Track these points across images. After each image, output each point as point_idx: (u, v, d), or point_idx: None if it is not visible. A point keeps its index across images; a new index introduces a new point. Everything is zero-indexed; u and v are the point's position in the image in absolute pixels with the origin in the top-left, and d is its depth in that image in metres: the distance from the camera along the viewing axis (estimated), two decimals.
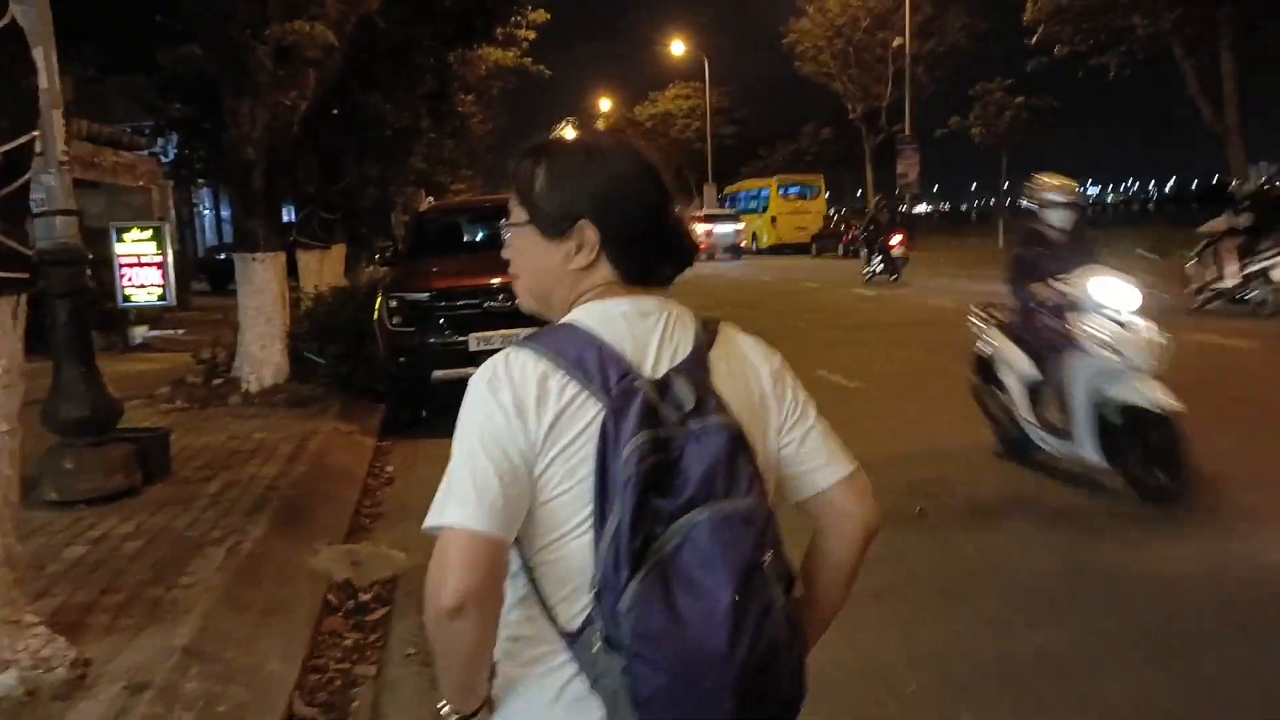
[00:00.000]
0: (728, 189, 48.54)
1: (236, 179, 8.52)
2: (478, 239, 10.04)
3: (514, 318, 7.80)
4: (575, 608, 1.24)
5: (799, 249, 38.50)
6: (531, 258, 1.39)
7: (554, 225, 1.34)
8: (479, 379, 1.28)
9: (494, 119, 40.98)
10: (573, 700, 1.24)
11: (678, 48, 54.51)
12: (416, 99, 15.79)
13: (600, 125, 69.95)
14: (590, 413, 1.22)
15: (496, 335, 7.56)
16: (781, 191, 40.87)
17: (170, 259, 12.38)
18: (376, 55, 12.35)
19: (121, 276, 12.66)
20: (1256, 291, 12.06)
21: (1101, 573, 4.37)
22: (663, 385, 1.23)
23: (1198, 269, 12.95)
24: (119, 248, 12.59)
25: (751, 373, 1.36)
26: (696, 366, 1.28)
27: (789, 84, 52.53)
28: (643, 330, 1.30)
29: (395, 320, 7.74)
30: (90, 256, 5.91)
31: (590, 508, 1.21)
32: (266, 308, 8.66)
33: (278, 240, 8.81)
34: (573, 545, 1.23)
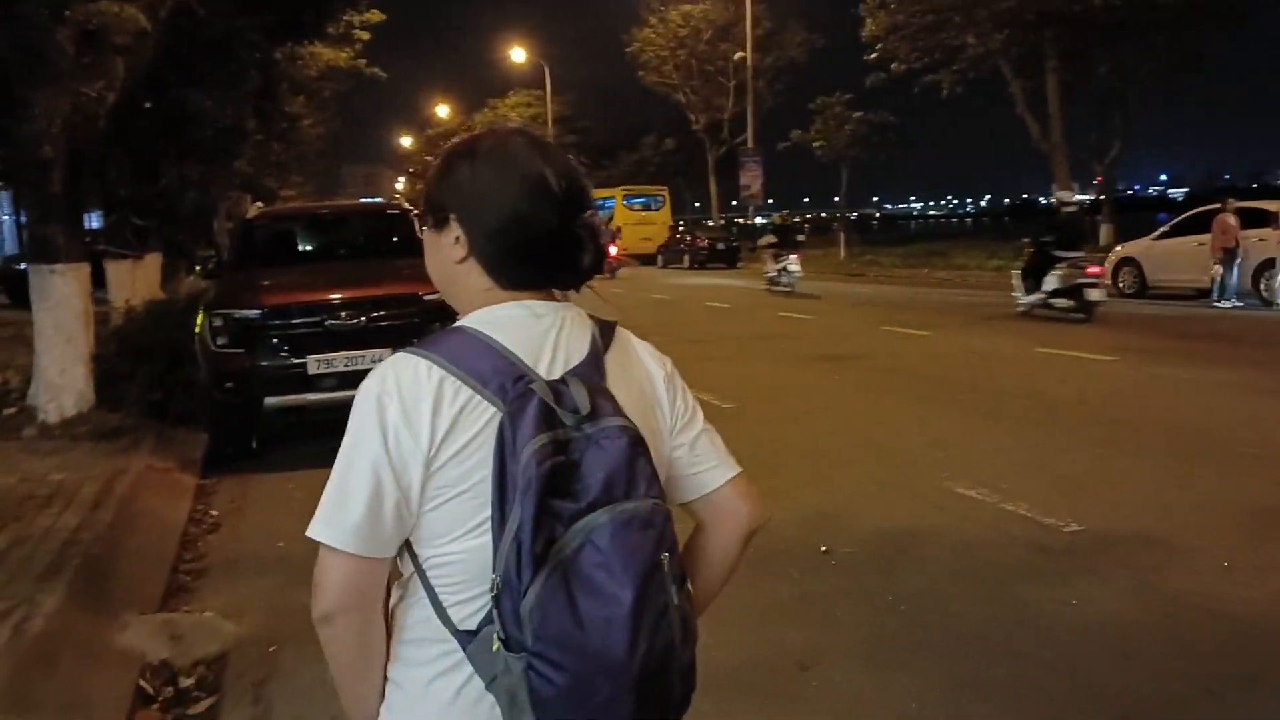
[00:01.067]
0: None
1: (31, 180, 7.42)
2: (315, 250, 9.14)
3: (358, 337, 7.05)
4: (471, 608, 1.25)
5: (644, 260, 38.52)
6: (428, 250, 1.41)
7: (433, 214, 1.37)
8: (368, 390, 1.26)
9: (326, 122, 39.37)
10: (471, 701, 1.25)
11: (518, 54, 53.93)
12: (241, 96, 14.62)
13: (433, 134, 68.68)
14: (485, 416, 1.22)
15: (339, 356, 6.80)
16: (626, 202, 40.75)
17: None
18: (196, 47, 11.25)
19: None
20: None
21: (1034, 620, 4.06)
22: (558, 388, 1.22)
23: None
24: None
25: (645, 376, 1.38)
26: (592, 370, 1.29)
27: (631, 93, 52.89)
28: (537, 332, 1.30)
29: (220, 341, 6.86)
30: None
31: (487, 511, 1.20)
32: (67, 326, 7.59)
33: (80, 249, 7.73)
34: (468, 545, 1.23)
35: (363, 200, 10.01)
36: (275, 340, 6.81)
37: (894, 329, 13.71)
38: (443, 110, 69.93)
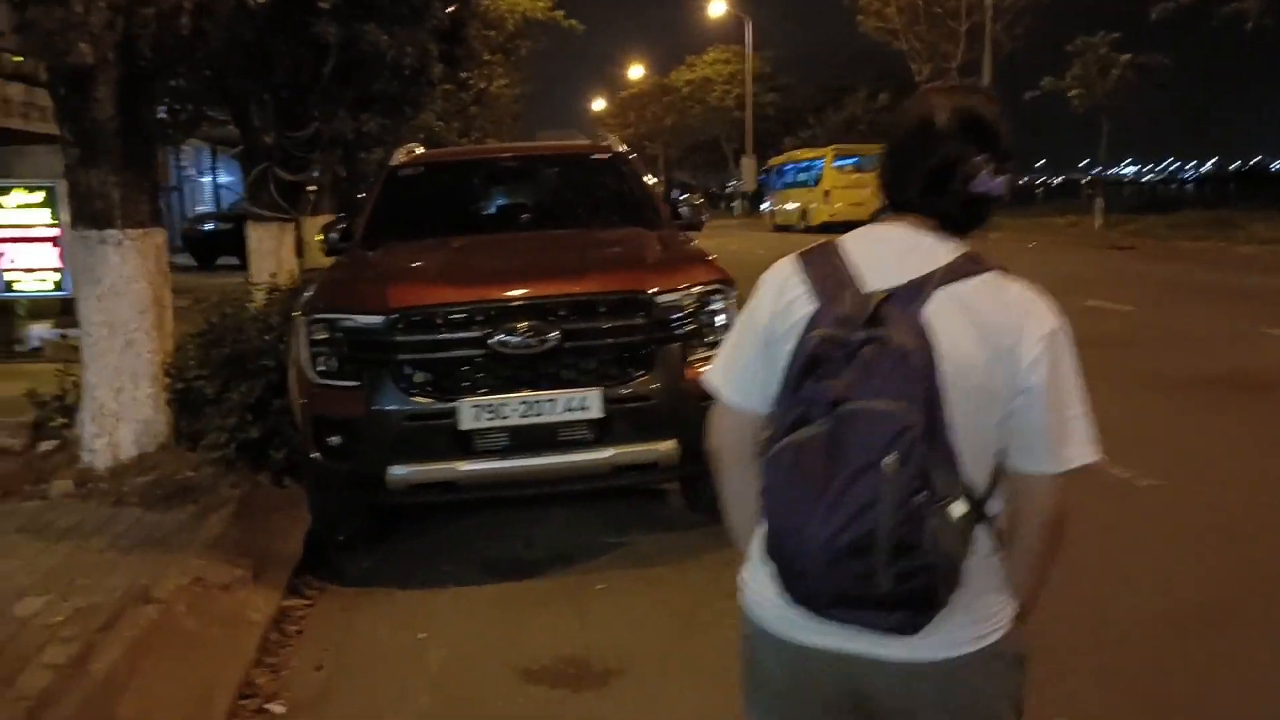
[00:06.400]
0: (772, 161, 44.62)
1: (65, 98, 4.90)
2: (486, 215, 6.23)
3: (547, 366, 3.49)
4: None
5: (852, 226, 34.64)
6: None
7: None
8: (765, 275, 1.57)
9: (521, 83, 37.40)
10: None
11: (717, 8, 50.40)
12: (426, 35, 12.09)
13: (627, 95, 66.12)
14: (806, 308, 1.45)
15: (514, 400, 3.93)
16: (836, 163, 36.81)
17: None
18: None
19: (0, 256, 9.13)
20: None
21: None
22: (864, 298, 1.40)
23: None
24: None
25: (1002, 325, 1.43)
26: (911, 293, 1.41)
27: (837, 48, 48.77)
28: (883, 251, 1.49)
29: (322, 367, 4.11)
30: None
31: (780, 385, 1.44)
32: (125, 323, 5.08)
33: (148, 207, 5.19)
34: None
35: (558, 141, 6.88)
36: (408, 368, 3.99)
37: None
38: (636, 71, 67.31)
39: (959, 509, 1.35)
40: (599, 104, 76.82)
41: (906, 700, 1.48)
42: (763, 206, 44.80)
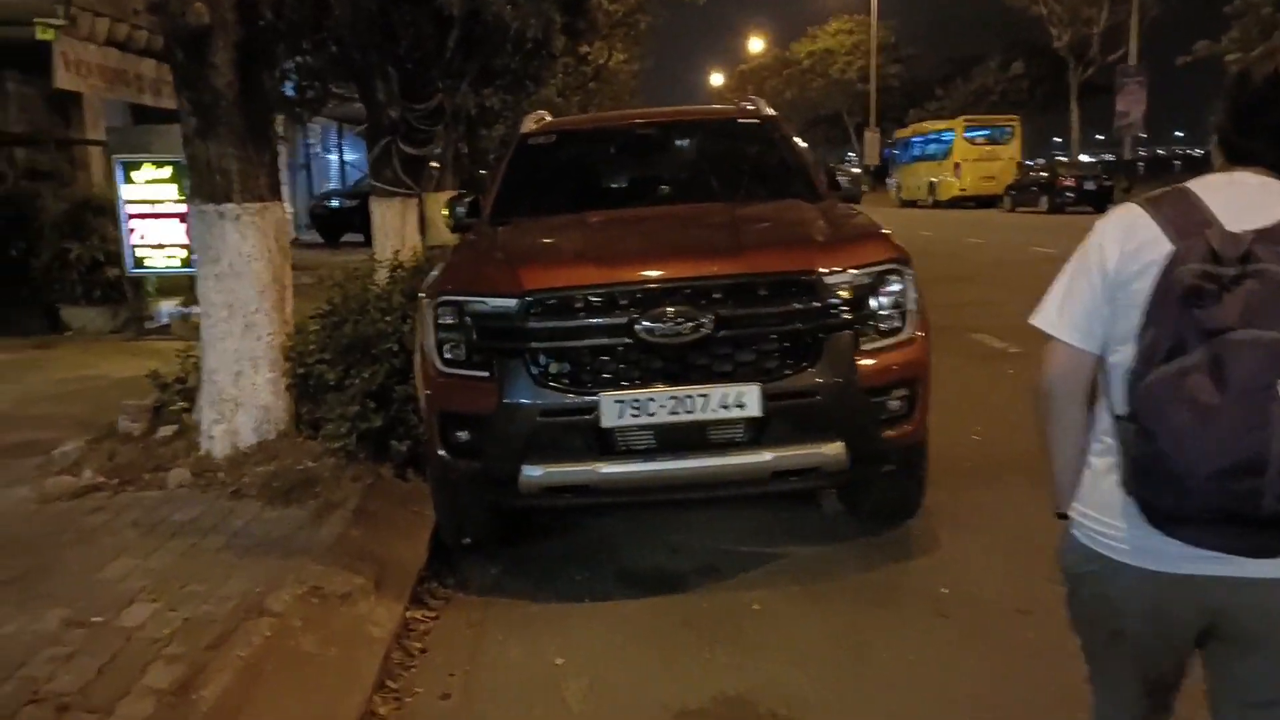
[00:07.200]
0: (899, 133, 43.13)
1: (183, 65, 4.61)
2: (624, 188, 5.70)
3: (699, 356, 2.89)
4: (1125, 397, 1.56)
5: (983, 202, 33.15)
6: None
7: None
8: (1103, 222, 1.67)
9: (640, 58, 36.95)
10: (1109, 468, 1.64)
11: None
12: (548, 4, 11.71)
13: (747, 68, 64.74)
14: (1162, 249, 1.53)
15: (662, 395, 3.45)
16: (968, 134, 35.26)
17: None
18: None
19: (131, 232, 9.14)
20: None
21: None
22: (1231, 235, 1.47)
23: None
24: (126, 190, 9.04)
25: None
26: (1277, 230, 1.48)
27: (967, 15, 46.70)
28: (1236, 195, 1.56)
29: (450, 354, 3.71)
30: None
31: (1142, 320, 1.53)
32: (245, 304, 4.81)
33: (268, 180, 4.89)
34: (1129, 350, 1.56)
35: (701, 106, 6.33)
36: (544, 357, 3.55)
37: None
38: (756, 44, 66.01)
39: None
40: (716, 78, 75.69)
41: (1266, 619, 1.60)
42: (887, 181, 43.35)
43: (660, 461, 3.53)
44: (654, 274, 3.60)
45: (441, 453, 3.72)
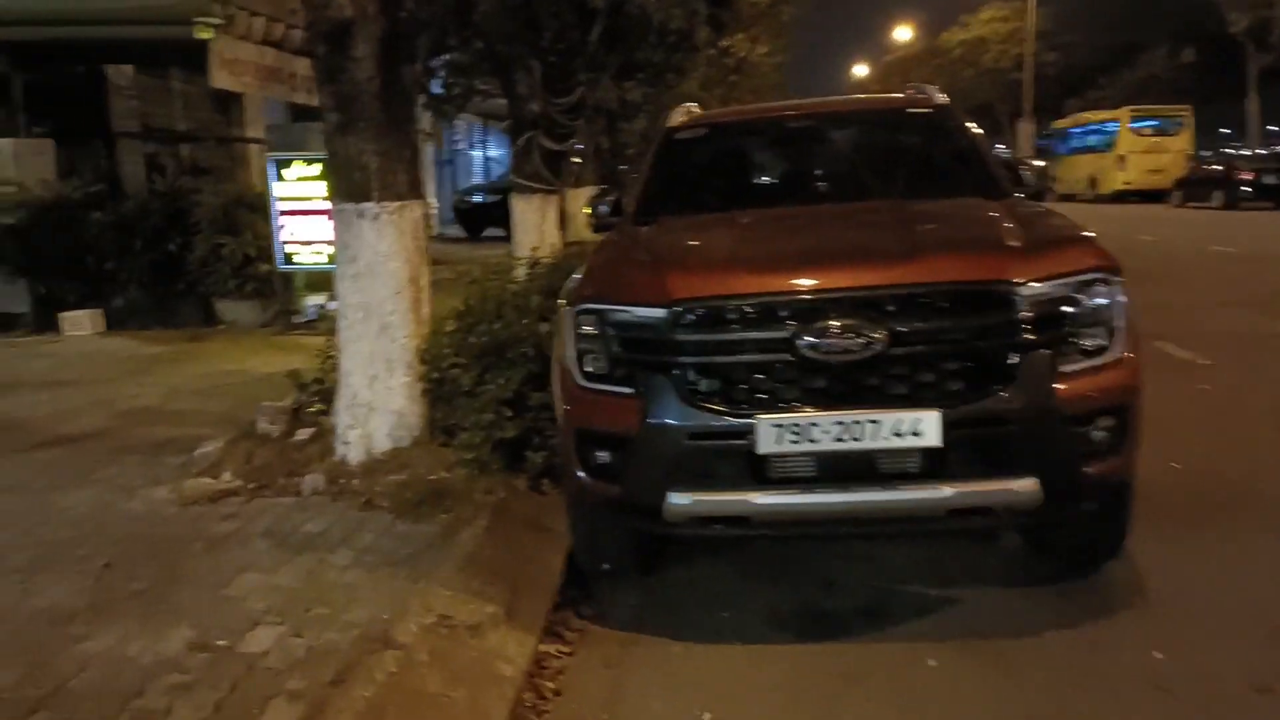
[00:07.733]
0: (1057, 124, 40.99)
1: (326, 59, 4.46)
2: (782, 185, 5.24)
3: (870, 376, 2.41)
4: None
5: (1149, 196, 31.07)
6: None
7: None
8: None
9: (781, 51, 36.22)
10: None
11: None
12: None
13: (893, 59, 62.86)
14: None
15: (827, 420, 3.05)
16: (1133, 125, 33.14)
17: None
18: None
19: (281, 228, 9.25)
20: None
21: None
22: None
23: None
24: (277, 188, 9.16)
25: None
26: None
27: (1128, 2, 44.02)
28: None
29: (591, 367, 3.40)
30: None
31: None
32: (381, 305, 4.63)
33: (409, 178, 4.70)
34: None
35: (864, 95, 5.84)
36: (693, 374, 3.20)
37: None
38: (903, 33, 64.01)
39: None
40: (860, 69, 73.80)
41: None
42: None
43: (822, 494, 3.13)
44: (818, 282, 3.19)
45: (580, 474, 3.42)
